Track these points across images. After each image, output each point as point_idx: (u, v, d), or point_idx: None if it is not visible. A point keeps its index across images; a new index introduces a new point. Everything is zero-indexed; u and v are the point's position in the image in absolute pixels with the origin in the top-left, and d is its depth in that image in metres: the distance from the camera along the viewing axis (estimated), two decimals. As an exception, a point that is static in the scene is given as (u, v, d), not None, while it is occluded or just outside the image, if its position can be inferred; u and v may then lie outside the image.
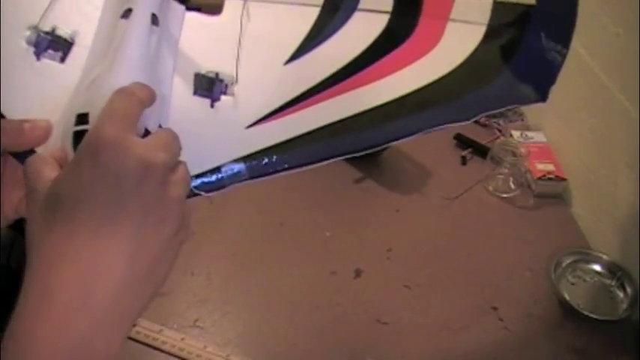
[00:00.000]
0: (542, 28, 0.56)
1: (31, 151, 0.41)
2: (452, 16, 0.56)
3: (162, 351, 0.75)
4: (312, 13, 0.54)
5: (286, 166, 0.47)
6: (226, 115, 0.48)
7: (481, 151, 1.12)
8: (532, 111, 1.22)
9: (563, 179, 1.06)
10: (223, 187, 0.45)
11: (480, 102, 0.54)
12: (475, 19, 0.57)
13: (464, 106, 0.53)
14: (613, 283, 0.90)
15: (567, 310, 0.86)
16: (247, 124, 0.48)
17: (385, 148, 1.09)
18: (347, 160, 1.09)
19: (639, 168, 0.87)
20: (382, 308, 0.85)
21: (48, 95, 0.44)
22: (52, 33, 0.46)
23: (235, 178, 0.46)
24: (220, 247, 0.91)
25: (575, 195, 1.06)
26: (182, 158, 0.40)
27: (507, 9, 0.57)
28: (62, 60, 0.45)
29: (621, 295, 0.89)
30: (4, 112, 0.42)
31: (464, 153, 1.14)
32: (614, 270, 0.91)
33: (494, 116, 1.22)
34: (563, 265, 0.92)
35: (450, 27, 0.56)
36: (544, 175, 1.06)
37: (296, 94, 0.50)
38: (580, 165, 1.04)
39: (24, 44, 0.45)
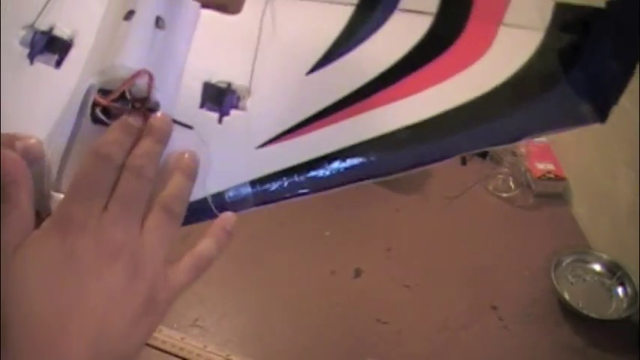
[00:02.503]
0: (609, 36, 0.47)
1: None
2: (505, 19, 0.48)
3: (162, 351, 0.75)
4: (345, 13, 0.47)
5: (302, 191, 0.42)
6: (235, 133, 0.42)
7: (481, 151, 1.12)
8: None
9: (563, 179, 1.06)
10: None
11: (531, 120, 0.46)
12: (532, 23, 0.48)
13: (513, 125, 0.45)
14: (613, 282, 0.90)
15: (567, 310, 0.86)
16: (258, 143, 0.42)
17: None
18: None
19: (639, 167, 0.87)
20: (382, 308, 0.85)
21: (39, 105, 0.39)
22: (49, 33, 0.41)
23: (240, 204, 0.41)
24: (220, 246, 0.91)
25: (575, 195, 1.06)
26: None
27: (570, 12, 0.48)
28: (58, 64, 0.41)
29: (621, 295, 0.89)
30: None
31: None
32: (614, 270, 0.91)
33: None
34: (563, 264, 0.92)
35: (503, 32, 0.48)
36: (544, 175, 1.06)
37: (318, 109, 0.44)
38: (580, 164, 1.04)
39: (18, 45, 0.41)
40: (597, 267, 0.92)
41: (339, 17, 0.47)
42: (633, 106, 0.89)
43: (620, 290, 0.89)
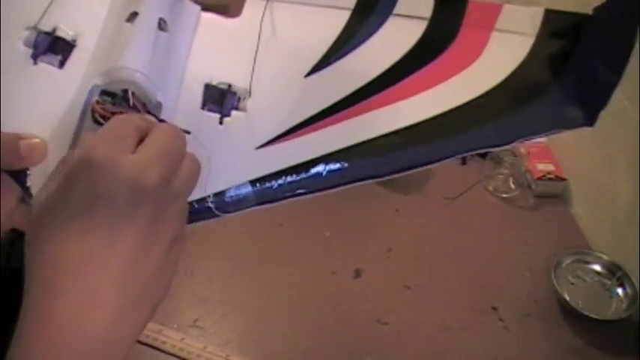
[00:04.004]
0: (597, 41, 0.47)
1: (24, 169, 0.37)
2: (497, 25, 0.50)
3: (162, 351, 0.75)
4: (342, 17, 0.49)
5: (300, 191, 0.42)
6: (235, 134, 0.43)
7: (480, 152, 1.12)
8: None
9: (563, 179, 1.06)
10: (227, 212, 0.41)
11: (522, 124, 0.47)
12: (523, 29, 0.50)
13: (504, 129, 0.46)
14: (613, 283, 0.90)
15: (567, 310, 0.86)
16: (258, 144, 0.43)
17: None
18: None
19: (639, 168, 0.87)
20: (382, 308, 0.85)
21: (43, 104, 0.39)
22: (52, 33, 0.42)
23: (241, 203, 0.41)
24: (220, 247, 0.91)
25: (575, 195, 1.06)
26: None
27: (560, 19, 0.49)
28: (61, 64, 0.41)
29: (621, 295, 0.89)
30: None
31: (464, 153, 1.14)
32: (614, 270, 0.91)
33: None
34: (563, 265, 0.92)
35: (495, 37, 0.50)
36: (544, 175, 1.06)
37: (316, 110, 0.45)
38: (580, 165, 1.04)
39: (21, 46, 0.41)
40: (597, 267, 0.92)
41: (335, 21, 0.48)
42: (633, 107, 0.89)
43: (620, 291, 0.89)
